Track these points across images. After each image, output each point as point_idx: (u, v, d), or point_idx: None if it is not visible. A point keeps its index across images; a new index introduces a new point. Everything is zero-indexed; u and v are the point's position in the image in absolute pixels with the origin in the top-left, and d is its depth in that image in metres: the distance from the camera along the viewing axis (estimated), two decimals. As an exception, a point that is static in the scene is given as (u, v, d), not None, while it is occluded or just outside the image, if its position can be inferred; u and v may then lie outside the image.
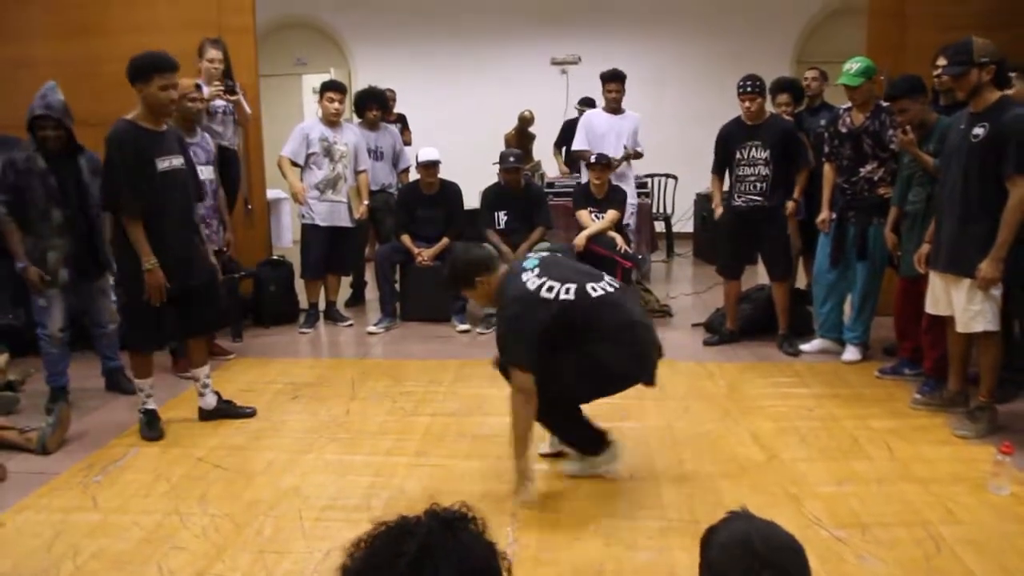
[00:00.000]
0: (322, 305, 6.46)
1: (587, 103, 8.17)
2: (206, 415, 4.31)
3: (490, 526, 1.29)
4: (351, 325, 6.33)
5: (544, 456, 3.71)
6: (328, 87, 6.20)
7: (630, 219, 6.85)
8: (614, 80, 6.76)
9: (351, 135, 6.30)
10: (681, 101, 7.28)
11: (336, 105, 6.13)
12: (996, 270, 3.71)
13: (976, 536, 2.97)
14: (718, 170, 5.66)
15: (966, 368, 4.18)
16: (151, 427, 4.11)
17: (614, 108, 6.82)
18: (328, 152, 6.12)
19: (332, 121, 6.17)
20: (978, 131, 3.76)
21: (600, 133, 6.77)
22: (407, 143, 8.21)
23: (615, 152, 6.59)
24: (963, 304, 3.87)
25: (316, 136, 6.12)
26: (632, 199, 6.82)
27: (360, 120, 6.84)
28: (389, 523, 1.19)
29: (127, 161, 3.79)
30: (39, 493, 3.49)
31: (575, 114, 8.35)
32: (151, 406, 4.16)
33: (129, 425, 4.25)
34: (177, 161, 3.99)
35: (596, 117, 6.89)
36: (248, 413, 4.35)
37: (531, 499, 3.29)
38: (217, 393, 4.34)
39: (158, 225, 3.89)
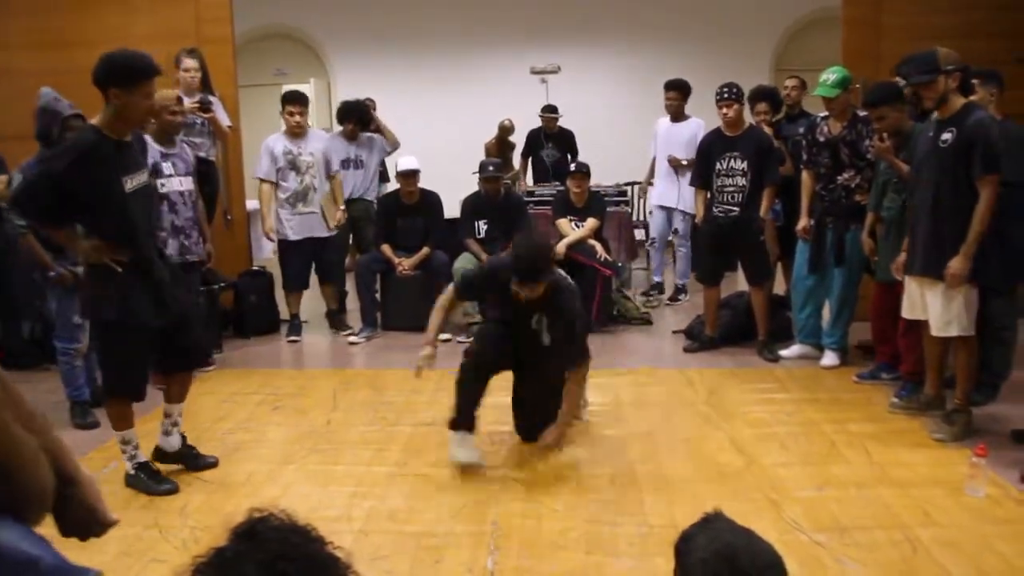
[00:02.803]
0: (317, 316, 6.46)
1: (551, 110, 8.23)
2: (165, 457, 3.79)
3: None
4: (354, 333, 6.27)
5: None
6: (287, 100, 6.18)
7: (680, 223, 7.04)
8: (672, 89, 7.04)
9: (317, 143, 6.26)
10: (660, 109, 7.33)
11: (296, 118, 6.09)
12: (966, 267, 3.77)
13: (953, 538, 3.01)
14: (701, 183, 5.68)
15: (942, 372, 4.23)
16: (157, 479, 3.59)
17: (675, 116, 7.08)
18: (293, 165, 6.11)
19: (295, 133, 6.15)
20: (946, 136, 3.83)
21: (663, 139, 7.13)
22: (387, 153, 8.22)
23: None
24: (939, 308, 3.92)
25: (280, 150, 6.12)
26: (686, 206, 6.86)
27: (340, 131, 6.85)
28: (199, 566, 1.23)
29: (79, 175, 3.22)
30: (17, 507, 3.45)
31: (539, 123, 8.39)
32: (142, 459, 3.63)
33: (107, 439, 4.21)
34: (143, 177, 3.49)
35: (660, 125, 7.22)
36: (210, 463, 3.84)
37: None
38: (183, 436, 3.86)
39: (138, 252, 3.41)
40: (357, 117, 6.78)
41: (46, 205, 3.31)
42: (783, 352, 5.41)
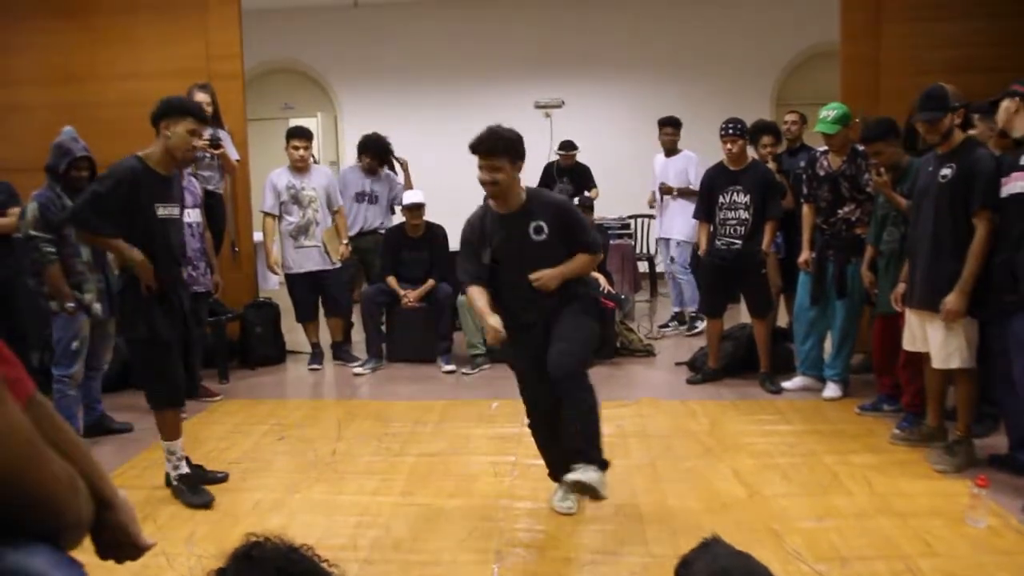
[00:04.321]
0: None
1: (567, 147, 8.27)
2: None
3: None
4: (359, 364, 6.31)
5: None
6: (291, 135, 6.29)
7: (675, 250, 7.16)
8: (667, 125, 7.34)
9: (320, 178, 6.36)
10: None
11: (300, 152, 6.21)
12: (962, 303, 3.81)
13: (953, 568, 3.02)
14: (704, 216, 5.75)
15: (944, 403, 4.26)
16: (196, 492, 3.77)
17: (669, 150, 7.29)
18: (296, 199, 6.22)
19: (299, 167, 6.25)
20: (946, 171, 3.89)
21: (657, 173, 7.34)
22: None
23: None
24: (940, 341, 3.95)
25: (283, 185, 6.23)
26: (680, 235, 7.06)
27: (359, 164, 6.92)
28: None
29: (119, 198, 3.60)
30: (25, 536, 3.48)
31: (556, 158, 8.45)
32: (185, 470, 3.82)
33: (116, 465, 4.25)
34: (175, 210, 3.88)
35: (656, 160, 7.45)
36: (220, 479, 4.04)
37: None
38: (186, 458, 3.96)
39: (164, 273, 3.74)
40: (375, 152, 6.84)
41: (102, 218, 3.63)
42: (785, 384, 5.43)
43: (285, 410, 5.27)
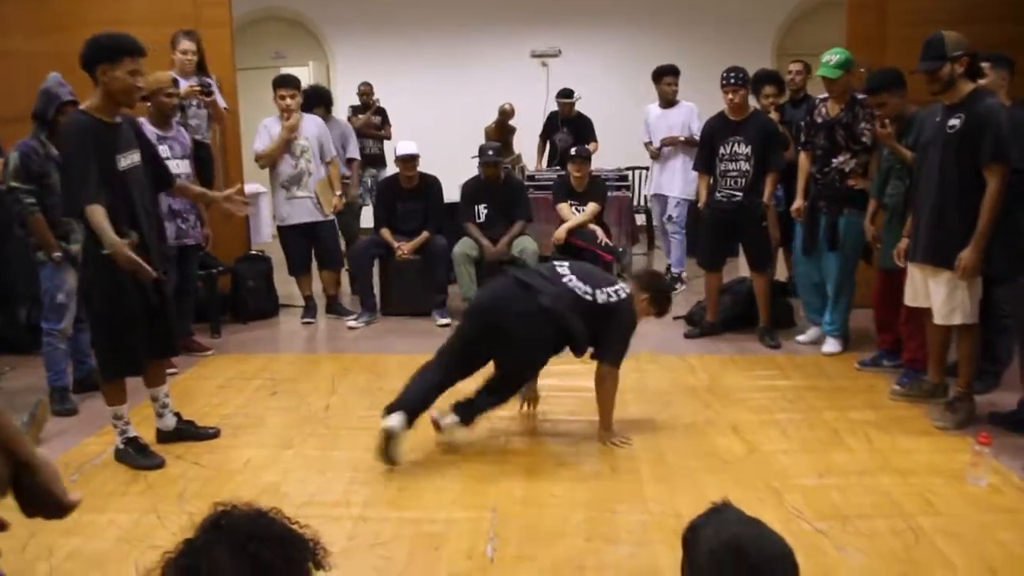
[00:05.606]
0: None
1: (565, 95, 8.11)
2: (165, 436, 3.93)
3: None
4: (356, 318, 6.22)
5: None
6: (278, 84, 6.12)
7: (673, 210, 6.96)
8: (668, 74, 7.03)
9: (312, 127, 6.20)
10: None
11: (287, 101, 6.03)
12: (977, 259, 3.73)
13: (954, 526, 2.99)
14: (703, 167, 5.65)
15: (945, 359, 4.21)
16: (145, 454, 3.71)
17: (670, 100, 7.02)
18: (288, 148, 6.08)
19: (288, 117, 6.11)
20: (954, 122, 3.78)
21: (653, 125, 7.08)
22: (387, 137, 8.15)
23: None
24: (943, 296, 3.89)
25: (275, 133, 6.09)
26: (680, 193, 6.90)
27: None
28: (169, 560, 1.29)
29: (88, 152, 3.37)
30: (13, 492, 3.44)
31: (556, 106, 8.32)
32: (132, 433, 3.75)
33: (106, 423, 4.19)
34: (136, 157, 3.59)
35: (651, 111, 7.17)
36: (211, 434, 4.00)
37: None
38: (177, 414, 3.99)
39: (137, 230, 3.53)
40: (324, 103, 6.72)
41: (90, 184, 3.36)
42: (800, 337, 5.40)
43: (278, 365, 5.21)
